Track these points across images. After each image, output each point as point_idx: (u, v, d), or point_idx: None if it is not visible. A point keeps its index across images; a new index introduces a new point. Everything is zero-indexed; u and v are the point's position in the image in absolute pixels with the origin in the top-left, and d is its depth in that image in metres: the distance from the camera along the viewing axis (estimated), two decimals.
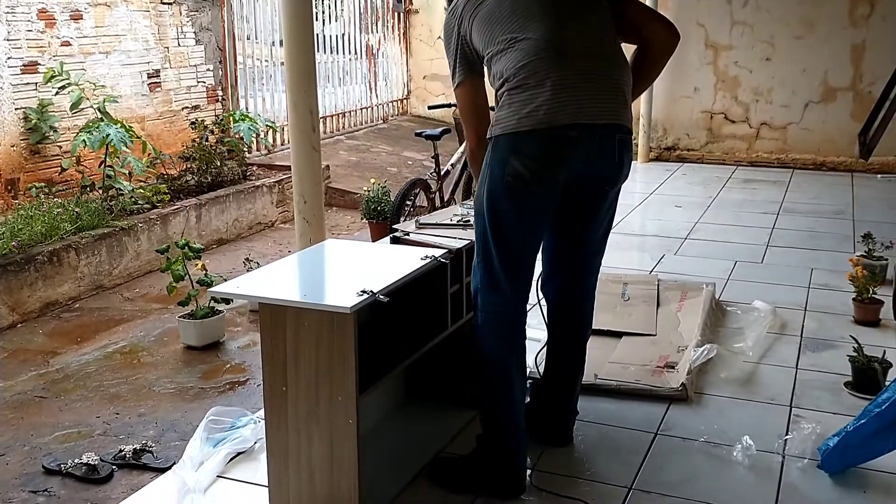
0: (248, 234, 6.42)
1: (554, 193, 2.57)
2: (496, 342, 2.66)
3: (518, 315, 2.70)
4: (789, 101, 8.29)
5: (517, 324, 2.70)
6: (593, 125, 2.52)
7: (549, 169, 2.51)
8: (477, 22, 2.57)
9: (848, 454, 2.78)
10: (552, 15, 2.54)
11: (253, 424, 3.07)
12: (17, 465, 3.09)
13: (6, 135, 5.59)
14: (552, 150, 2.49)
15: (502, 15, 2.55)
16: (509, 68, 2.51)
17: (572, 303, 2.91)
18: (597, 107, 2.52)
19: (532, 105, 2.46)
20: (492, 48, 2.55)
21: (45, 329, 4.50)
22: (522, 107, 2.47)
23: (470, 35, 2.60)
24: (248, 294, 2.63)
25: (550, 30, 2.52)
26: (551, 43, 2.50)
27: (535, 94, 2.46)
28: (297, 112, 3.64)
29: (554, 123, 2.46)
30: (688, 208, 6.63)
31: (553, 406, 2.97)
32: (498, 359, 2.67)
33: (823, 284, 4.72)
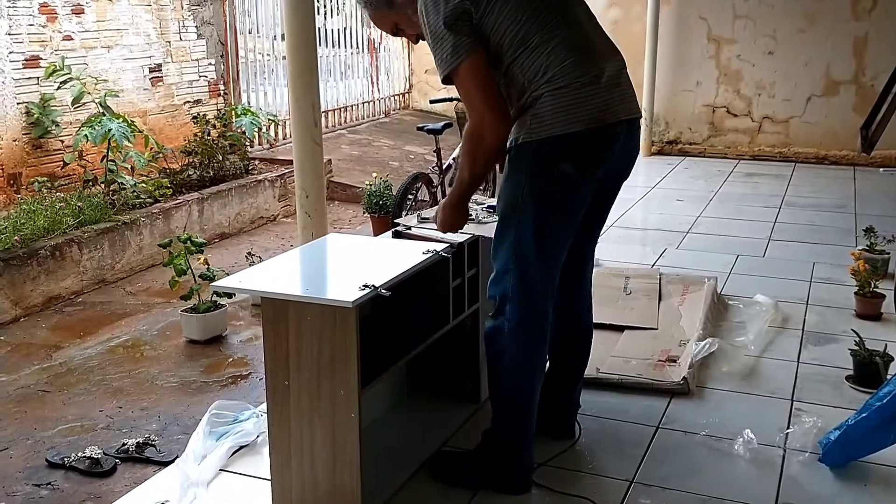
0: (251, 228, 6.43)
1: (592, 191, 2.55)
2: (526, 350, 2.60)
3: (548, 317, 2.65)
4: (791, 94, 8.28)
5: (546, 328, 2.65)
6: (629, 121, 2.53)
7: (595, 166, 2.48)
8: (501, 2, 2.37)
9: (849, 448, 2.79)
10: (570, 6, 2.50)
11: (255, 418, 3.08)
12: (21, 459, 3.10)
13: (8, 129, 5.60)
14: (600, 147, 2.46)
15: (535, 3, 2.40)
16: (552, 65, 2.37)
17: (577, 297, 2.90)
18: (628, 102, 2.54)
19: (584, 104, 2.38)
20: (521, 39, 2.37)
21: (48, 323, 4.51)
22: (571, 107, 2.38)
23: (485, 14, 2.36)
24: (250, 288, 2.63)
25: (579, 25, 2.48)
26: (584, 39, 2.46)
27: (584, 93, 2.39)
28: (299, 106, 3.65)
29: (605, 122, 2.42)
30: (690, 202, 6.63)
31: (556, 400, 2.97)
32: (526, 367, 2.61)
33: (825, 278, 4.72)
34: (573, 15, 2.48)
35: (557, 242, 2.55)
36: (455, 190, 2.60)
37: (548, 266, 2.57)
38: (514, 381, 2.62)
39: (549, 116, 2.39)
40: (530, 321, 2.58)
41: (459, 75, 2.37)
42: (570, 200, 2.51)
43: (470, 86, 2.38)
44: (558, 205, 2.50)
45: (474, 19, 2.36)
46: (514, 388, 2.63)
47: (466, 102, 2.42)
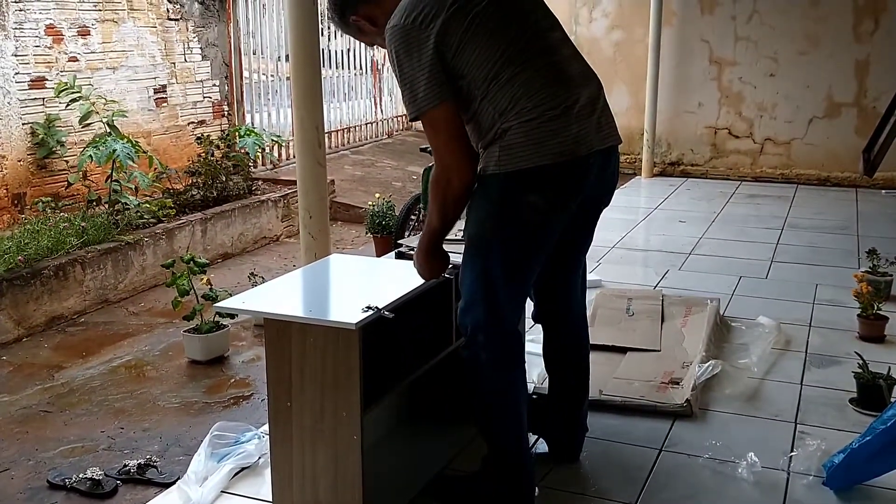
0: (254, 248, 6.44)
1: (564, 221, 2.51)
2: (502, 376, 2.58)
3: (522, 345, 2.67)
4: (793, 116, 8.30)
5: (521, 354, 2.66)
6: (603, 150, 2.49)
7: (567, 198, 2.44)
8: (474, 40, 2.33)
9: (853, 471, 2.77)
10: (547, 35, 2.45)
11: (257, 440, 3.07)
12: (22, 480, 3.09)
13: (13, 149, 5.62)
14: (573, 180, 2.42)
15: (503, 35, 2.36)
16: (522, 98, 2.34)
17: (572, 325, 2.89)
18: (604, 131, 2.50)
19: (554, 137, 2.34)
20: (492, 74, 2.33)
21: (50, 343, 4.51)
22: (541, 140, 2.34)
23: (456, 53, 2.32)
24: (253, 309, 2.64)
25: (552, 53, 2.43)
26: (557, 69, 2.41)
27: (554, 126, 2.34)
28: (303, 127, 3.67)
29: (577, 154, 2.38)
30: (692, 223, 6.64)
31: (563, 424, 2.95)
32: (507, 388, 2.59)
33: (828, 300, 4.72)
34: (547, 44, 2.44)
35: (525, 270, 2.53)
36: (424, 237, 2.54)
37: (516, 296, 2.56)
38: (498, 407, 2.60)
39: (518, 149, 2.35)
40: (504, 348, 2.56)
41: (429, 120, 2.37)
42: (539, 232, 2.47)
43: (441, 131, 2.37)
44: (526, 236, 2.46)
45: (447, 61, 2.33)
46: (500, 414, 2.61)
47: (433, 148, 2.41)
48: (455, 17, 2.32)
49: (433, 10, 2.32)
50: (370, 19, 2.51)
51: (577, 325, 2.91)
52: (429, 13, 2.32)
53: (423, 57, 2.31)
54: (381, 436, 3.10)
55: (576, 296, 2.87)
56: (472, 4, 2.35)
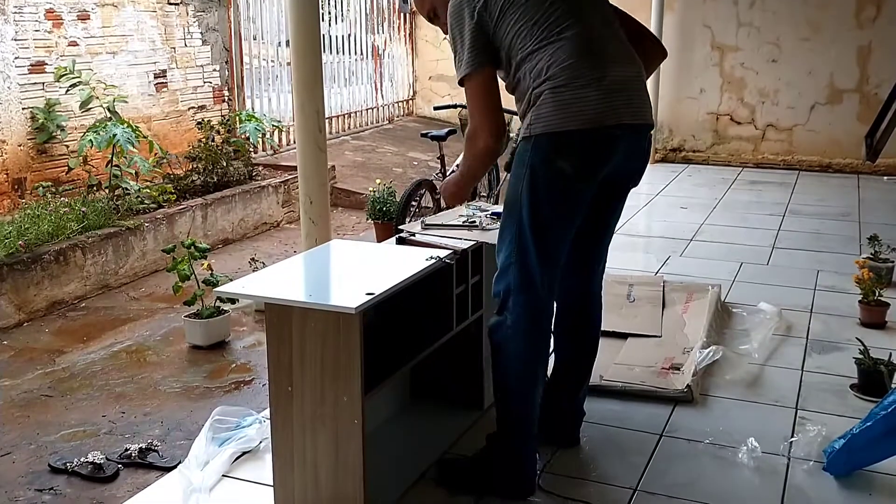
0: (254, 234, 6.43)
1: (592, 190, 2.60)
2: (527, 342, 2.62)
3: (550, 314, 2.70)
4: (795, 102, 8.28)
5: (548, 323, 2.70)
6: (633, 125, 2.57)
7: (593, 167, 2.53)
8: (513, 9, 2.50)
9: (854, 457, 2.78)
10: (585, 11, 2.57)
11: (258, 424, 3.07)
12: (24, 464, 3.10)
13: (13, 134, 5.61)
14: (598, 148, 2.52)
15: (540, 5, 2.50)
16: (554, 65, 2.47)
17: (585, 304, 2.91)
18: (635, 108, 2.57)
19: (581, 104, 2.45)
20: (530, 42, 2.49)
21: (51, 328, 4.51)
22: (569, 105, 2.45)
23: (497, 21, 2.52)
24: (253, 294, 2.63)
25: (589, 27, 2.54)
26: (593, 41, 2.52)
27: (584, 93, 2.45)
28: (304, 112, 3.65)
29: (604, 123, 2.48)
30: (693, 210, 6.63)
31: (562, 408, 2.96)
32: (527, 359, 2.64)
33: (829, 286, 4.71)
34: (586, 20, 2.55)
35: (556, 239, 2.59)
36: (457, 175, 2.82)
37: (548, 262, 2.59)
38: (516, 372, 2.64)
39: (547, 114, 2.47)
40: (532, 314, 2.60)
41: (469, 84, 2.57)
42: (567, 198, 2.55)
43: (475, 95, 2.58)
44: (555, 201, 2.54)
45: (490, 28, 2.52)
46: (517, 379, 2.64)
47: (470, 108, 2.62)
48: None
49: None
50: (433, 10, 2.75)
51: (592, 304, 2.93)
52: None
53: (467, 26, 2.53)
54: (382, 420, 3.10)
55: (595, 275, 2.91)
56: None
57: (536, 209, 2.53)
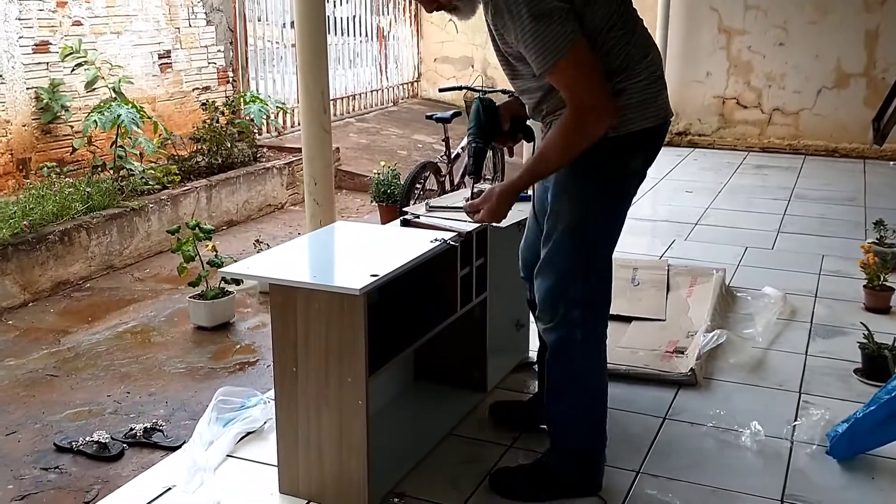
0: (258, 215, 6.43)
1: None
2: (598, 357, 2.54)
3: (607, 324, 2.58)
4: (802, 86, 8.24)
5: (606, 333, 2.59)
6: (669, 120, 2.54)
7: (651, 163, 2.49)
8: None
9: (857, 440, 2.78)
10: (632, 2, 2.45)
11: (262, 405, 3.08)
12: (29, 443, 3.11)
13: (18, 114, 5.60)
14: (660, 143, 2.48)
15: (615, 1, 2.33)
16: (634, 58, 2.34)
17: None
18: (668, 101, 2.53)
19: (656, 99, 2.39)
20: (617, 30, 2.30)
21: (56, 308, 4.52)
22: (649, 101, 2.37)
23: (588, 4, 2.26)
24: (258, 275, 2.64)
25: (640, 20, 2.45)
26: (647, 35, 2.44)
27: (657, 87, 2.39)
28: (309, 93, 3.64)
29: (667, 118, 2.45)
30: (699, 194, 6.61)
31: None
32: (598, 373, 2.56)
33: (834, 271, 4.70)
34: (636, 13, 2.45)
35: (616, 241, 2.52)
36: (524, 177, 2.40)
37: (608, 266, 2.52)
38: (591, 389, 2.55)
39: (630, 110, 2.34)
40: (598, 327, 2.52)
41: (572, 60, 2.20)
42: (631, 197, 2.50)
43: (584, 69, 2.23)
44: (624, 202, 2.48)
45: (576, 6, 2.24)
46: (592, 396, 2.56)
47: (573, 91, 2.25)
48: None
49: None
50: None
51: None
52: None
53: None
54: (385, 402, 3.11)
55: None
56: None
57: (609, 216, 2.46)
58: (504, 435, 2.93)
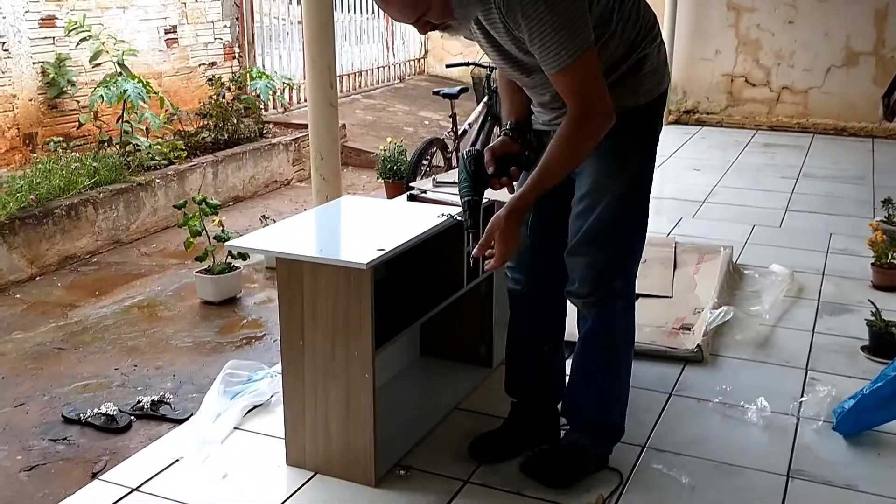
0: (265, 192, 6.42)
1: None
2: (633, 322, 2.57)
3: None
4: (811, 65, 8.17)
5: None
6: None
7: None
8: None
9: (863, 417, 2.78)
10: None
11: (269, 378, 3.09)
12: (37, 414, 3.13)
13: (24, 89, 5.59)
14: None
15: None
16: (647, 21, 2.33)
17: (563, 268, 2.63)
18: None
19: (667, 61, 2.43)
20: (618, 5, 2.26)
21: (63, 282, 4.53)
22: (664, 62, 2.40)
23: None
24: (265, 248, 2.64)
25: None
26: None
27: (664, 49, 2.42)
28: (315, 67, 3.63)
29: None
30: (706, 172, 6.58)
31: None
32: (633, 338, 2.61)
33: (842, 249, 4.69)
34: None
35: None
36: (530, 193, 2.28)
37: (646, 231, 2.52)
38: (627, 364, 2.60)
39: (657, 74, 2.35)
40: (633, 288, 2.53)
41: (584, 63, 2.13)
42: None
43: (594, 74, 2.16)
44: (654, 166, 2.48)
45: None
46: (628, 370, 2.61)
47: (582, 94, 2.17)
48: None
49: None
50: None
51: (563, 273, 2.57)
52: None
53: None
54: (392, 376, 3.12)
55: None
56: None
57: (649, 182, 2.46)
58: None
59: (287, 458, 2.63)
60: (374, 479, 2.52)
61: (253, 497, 2.49)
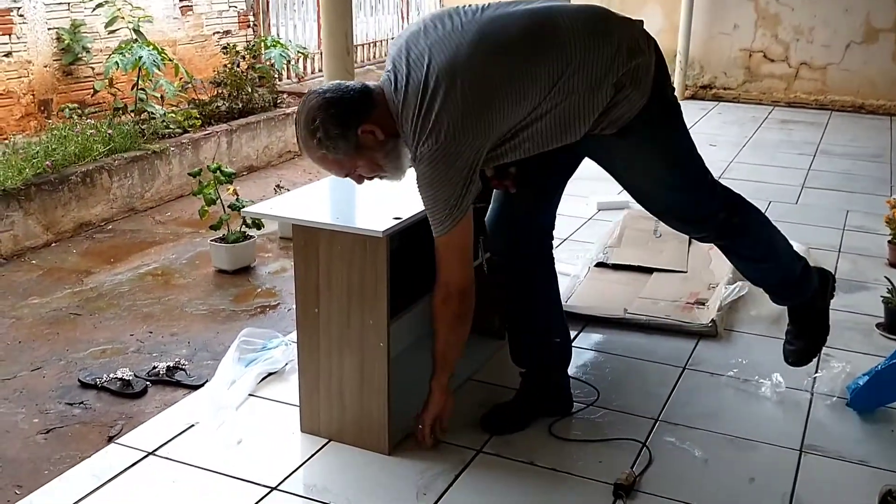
0: (278, 161, 6.42)
1: None
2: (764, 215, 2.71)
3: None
4: (830, 40, 8.07)
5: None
6: None
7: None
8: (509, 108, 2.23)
9: (877, 393, 2.78)
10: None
11: (284, 346, 3.11)
12: (54, 379, 3.16)
13: (39, 55, 5.59)
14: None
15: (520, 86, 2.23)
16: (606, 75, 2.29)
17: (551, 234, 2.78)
18: None
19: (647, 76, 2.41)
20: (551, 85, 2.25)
21: (78, 249, 4.55)
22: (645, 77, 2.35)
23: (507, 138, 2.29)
24: (280, 215, 2.63)
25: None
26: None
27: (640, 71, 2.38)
28: (331, 34, 3.61)
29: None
30: (723, 147, 6.53)
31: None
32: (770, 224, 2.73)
33: (858, 226, 4.66)
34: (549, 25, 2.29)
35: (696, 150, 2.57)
36: (441, 371, 2.52)
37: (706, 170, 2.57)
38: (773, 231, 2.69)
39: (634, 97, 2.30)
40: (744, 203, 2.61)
41: (443, 240, 2.31)
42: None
43: (463, 244, 2.34)
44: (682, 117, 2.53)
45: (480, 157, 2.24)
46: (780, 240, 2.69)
47: (447, 265, 2.34)
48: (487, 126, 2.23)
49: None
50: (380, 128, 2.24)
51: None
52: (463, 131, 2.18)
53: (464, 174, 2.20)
54: (406, 346, 3.12)
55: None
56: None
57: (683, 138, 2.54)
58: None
59: (301, 425, 2.65)
60: (388, 446, 2.53)
61: (267, 463, 2.51)
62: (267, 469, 2.48)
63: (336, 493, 2.37)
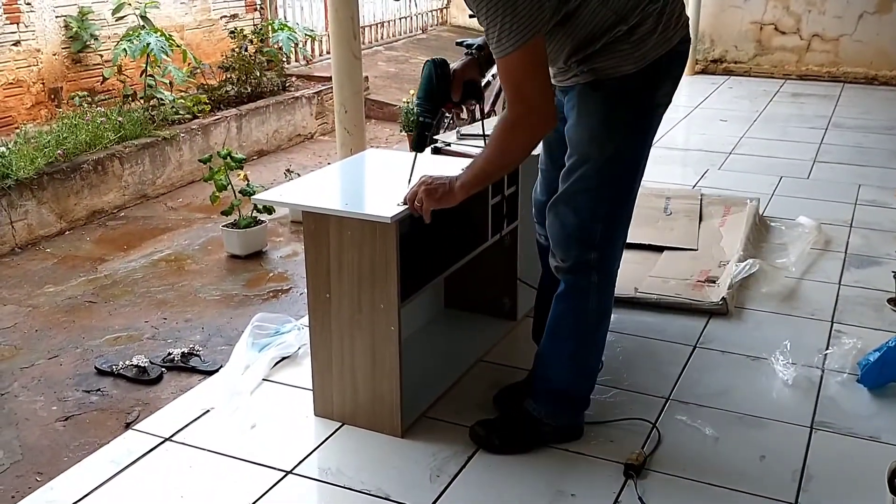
0: (288, 145, 6.43)
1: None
2: (608, 301, 2.45)
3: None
4: (843, 11, 7.98)
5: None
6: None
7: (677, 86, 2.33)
8: None
9: (888, 369, 2.78)
10: None
11: (296, 331, 3.13)
12: (71, 366, 3.20)
13: (48, 43, 5.60)
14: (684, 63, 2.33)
15: None
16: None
17: None
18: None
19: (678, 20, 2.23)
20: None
21: (92, 236, 4.59)
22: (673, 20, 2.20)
23: None
24: (290, 202, 2.65)
25: None
26: None
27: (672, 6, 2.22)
28: (338, 18, 3.60)
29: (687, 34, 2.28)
30: (733, 122, 6.50)
31: None
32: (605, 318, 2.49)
33: (870, 201, 4.63)
34: None
35: (642, 176, 2.36)
36: (469, 178, 2.27)
37: (632, 204, 2.38)
38: (595, 333, 2.46)
39: (653, 38, 2.16)
40: (615, 265, 2.41)
41: (515, 57, 2.04)
42: (657, 128, 2.35)
43: (528, 71, 2.07)
44: (651, 135, 2.33)
45: None
46: (594, 340, 2.47)
47: (518, 87, 2.09)
48: None
49: None
50: None
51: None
52: None
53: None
54: (417, 328, 3.14)
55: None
56: None
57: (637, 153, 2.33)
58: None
59: (314, 408, 2.68)
60: (401, 429, 2.56)
61: (282, 447, 2.54)
62: (281, 453, 2.51)
63: (350, 476, 2.40)
